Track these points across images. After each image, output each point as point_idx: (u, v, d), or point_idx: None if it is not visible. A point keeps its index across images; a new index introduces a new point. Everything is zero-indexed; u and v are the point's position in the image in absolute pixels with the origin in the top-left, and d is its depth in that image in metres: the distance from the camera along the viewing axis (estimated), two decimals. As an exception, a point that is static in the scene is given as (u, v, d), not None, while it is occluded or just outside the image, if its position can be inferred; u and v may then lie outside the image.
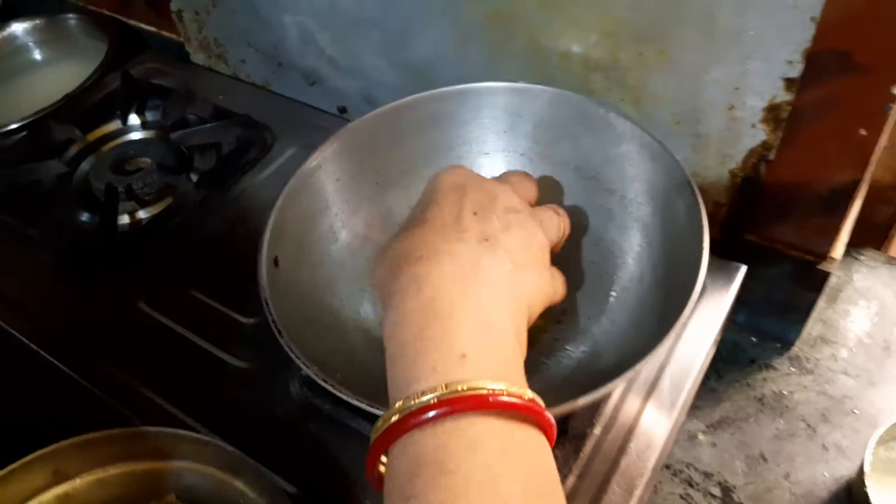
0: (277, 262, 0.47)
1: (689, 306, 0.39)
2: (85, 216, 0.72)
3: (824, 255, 0.59)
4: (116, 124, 0.82)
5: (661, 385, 0.51)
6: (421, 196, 0.44)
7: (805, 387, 0.64)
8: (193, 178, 0.74)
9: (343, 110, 0.79)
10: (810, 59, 0.48)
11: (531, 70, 0.61)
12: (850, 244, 0.63)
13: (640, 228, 0.50)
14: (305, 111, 0.80)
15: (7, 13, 1.02)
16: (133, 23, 0.95)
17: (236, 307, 0.60)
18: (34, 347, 0.60)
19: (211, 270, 0.64)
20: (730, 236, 0.62)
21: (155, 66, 0.89)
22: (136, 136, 0.81)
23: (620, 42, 0.55)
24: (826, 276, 0.60)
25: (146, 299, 0.62)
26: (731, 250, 0.59)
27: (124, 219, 0.72)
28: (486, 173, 0.48)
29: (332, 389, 0.39)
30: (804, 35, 0.47)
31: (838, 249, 0.59)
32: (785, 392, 0.64)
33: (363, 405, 0.38)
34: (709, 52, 0.51)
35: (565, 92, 0.52)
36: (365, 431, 0.51)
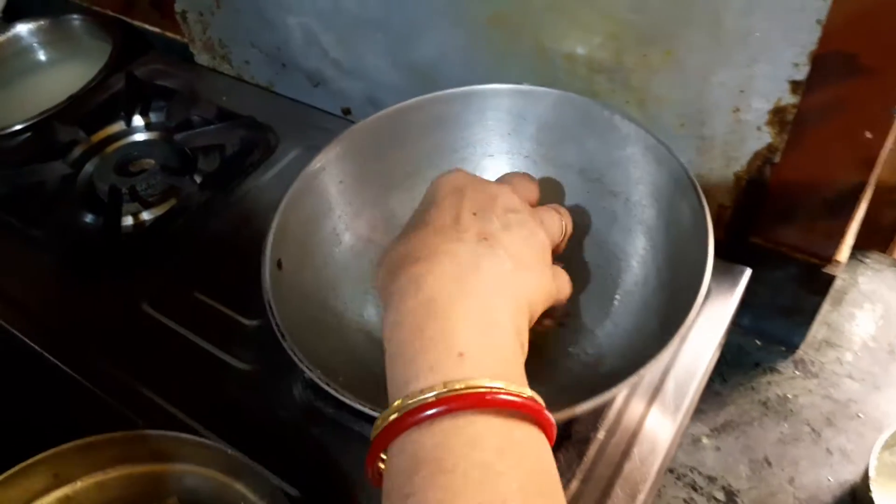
0: (281, 265, 0.47)
1: (694, 311, 0.39)
2: (89, 217, 0.72)
3: (829, 259, 0.59)
4: (120, 125, 0.82)
5: (666, 389, 0.51)
6: (422, 199, 0.44)
7: (810, 390, 0.64)
8: (197, 180, 0.74)
9: (347, 112, 0.79)
10: (816, 62, 0.48)
11: (535, 72, 0.61)
12: (856, 247, 0.63)
13: (645, 231, 0.50)
14: (309, 112, 0.80)
15: (11, 14, 1.02)
16: (137, 24, 0.95)
17: (239, 309, 0.60)
18: (37, 348, 0.60)
19: (214, 272, 0.64)
20: (734, 239, 0.62)
21: (159, 67, 0.89)
22: (140, 138, 0.81)
23: (625, 44, 0.54)
24: (831, 280, 0.60)
25: (149, 301, 0.62)
26: (736, 253, 0.58)
27: (128, 220, 0.72)
28: (490, 175, 0.47)
29: (335, 393, 0.39)
30: (810, 37, 0.47)
31: (843, 252, 0.59)
32: (789, 396, 0.64)
33: (366, 409, 0.38)
34: (714, 55, 0.51)
35: (569, 94, 0.52)
36: (368, 434, 0.50)
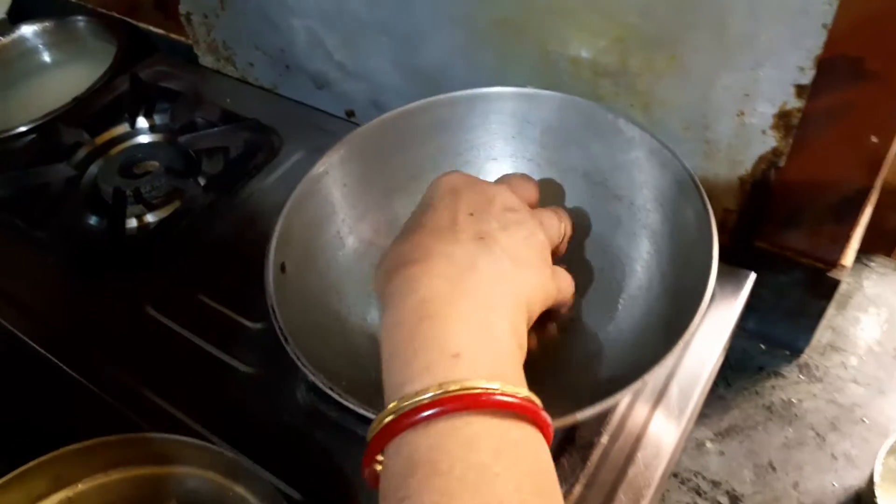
0: (284, 269, 0.47)
1: (699, 316, 0.39)
2: (93, 219, 0.72)
3: (835, 263, 0.59)
4: (125, 127, 0.82)
5: (670, 393, 0.51)
6: (419, 202, 0.44)
7: (814, 395, 0.64)
8: (201, 182, 0.74)
9: (351, 114, 0.79)
10: (822, 66, 0.48)
11: (540, 75, 0.61)
12: (861, 251, 0.62)
13: (649, 235, 0.50)
14: (313, 115, 0.80)
15: (16, 15, 1.02)
16: (142, 25, 0.95)
17: (243, 312, 0.60)
18: (41, 350, 0.60)
19: (218, 274, 0.64)
20: (739, 243, 0.61)
21: (163, 69, 0.89)
22: (145, 140, 0.81)
23: (630, 48, 0.54)
24: (836, 284, 0.59)
25: (153, 303, 0.62)
26: (741, 257, 0.58)
27: (132, 222, 0.72)
28: (493, 179, 0.47)
29: (338, 397, 0.39)
30: (816, 42, 0.47)
31: (849, 257, 0.59)
32: (794, 400, 0.64)
33: (369, 413, 0.38)
34: (719, 59, 0.51)
35: (574, 97, 0.52)
36: (371, 438, 0.50)
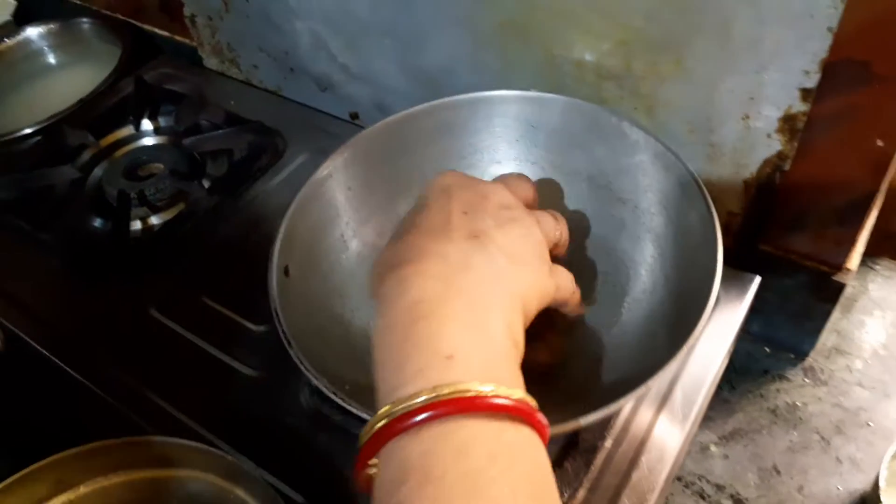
0: (288, 272, 0.47)
1: (703, 320, 0.39)
2: (97, 222, 0.72)
3: (840, 266, 0.59)
4: (129, 129, 0.82)
5: (674, 397, 0.51)
6: (414, 203, 0.43)
7: (819, 398, 0.63)
8: (205, 184, 0.74)
9: (355, 116, 0.79)
10: (827, 70, 0.48)
11: (544, 79, 0.61)
12: (866, 253, 0.62)
13: (653, 239, 0.50)
14: (317, 117, 0.80)
15: (22, 17, 1.03)
16: (147, 27, 0.95)
17: (247, 314, 0.60)
18: (45, 352, 0.60)
19: (222, 277, 0.64)
20: (744, 246, 0.61)
21: (168, 72, 0.89)
22: (149, 142, 0.81)
23: (634, 51, 0.54)
24: (841, 288, 0.59)
25: (157, 305, 0.63)
26: (745, 260, 0.58)
27: (136, 224, 0.72)
28: (494, 181, 0.47)
29: (341, 401, 0.39)
30: (821, 45, 0.46)
31: (854, 260, 0.59)
32: (799, 404, 0.63)
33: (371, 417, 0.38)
34: (724, 62, 0.51)
35: (578, 101, 0.52)
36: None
